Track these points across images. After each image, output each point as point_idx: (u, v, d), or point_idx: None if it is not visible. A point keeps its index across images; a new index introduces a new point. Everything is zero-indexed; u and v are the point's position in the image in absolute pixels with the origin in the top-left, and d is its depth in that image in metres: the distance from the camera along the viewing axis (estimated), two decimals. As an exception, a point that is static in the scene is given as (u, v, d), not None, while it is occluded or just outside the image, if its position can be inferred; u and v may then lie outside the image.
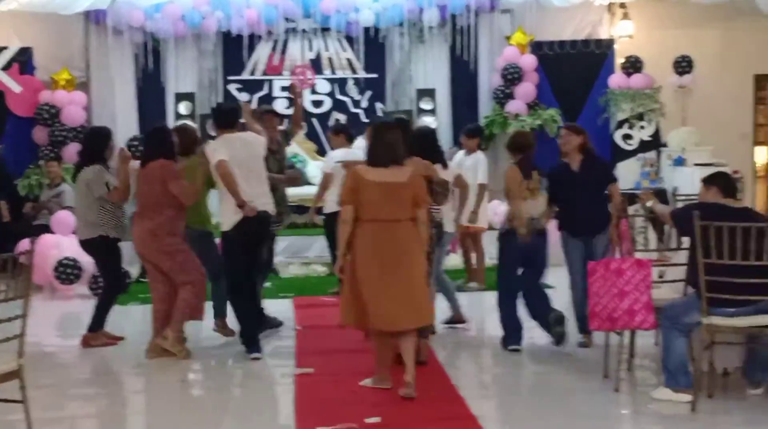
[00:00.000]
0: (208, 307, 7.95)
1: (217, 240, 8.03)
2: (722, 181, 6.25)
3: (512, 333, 7.62)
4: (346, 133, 9.89)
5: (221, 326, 8.22)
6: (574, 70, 14.02)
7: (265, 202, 7.48)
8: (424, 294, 6.37)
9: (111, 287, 8.18)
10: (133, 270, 10.98)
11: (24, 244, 9.45)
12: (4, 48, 13.16)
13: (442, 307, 8.17)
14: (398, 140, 6.36)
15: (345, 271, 6.29)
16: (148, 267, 7.78)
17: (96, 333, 8.10)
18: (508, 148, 7.93)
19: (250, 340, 7.52)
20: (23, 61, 13.30)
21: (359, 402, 6.06)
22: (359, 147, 9.45)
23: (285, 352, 7.65)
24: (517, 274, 7.68)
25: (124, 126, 13.70)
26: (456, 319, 8.49)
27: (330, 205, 9.06)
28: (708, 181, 6.31)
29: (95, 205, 7.89)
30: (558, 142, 7.89)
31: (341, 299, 6.45)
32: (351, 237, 6.23)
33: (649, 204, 6.84)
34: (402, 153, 6.37)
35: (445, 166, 8.00)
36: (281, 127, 9.33)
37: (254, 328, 7.59)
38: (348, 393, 6.33)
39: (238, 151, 7.40)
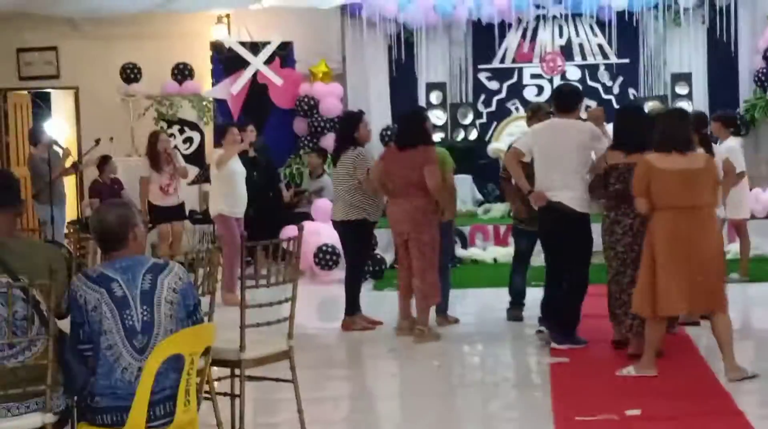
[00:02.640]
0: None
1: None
2: None
3: None
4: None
5: (442, 320, 8.26)
6: None
7: (561, 195, 7.09)
8: (717, 279, 6.30)
9: (355, 269, 8.41)
10: (388, 256, 11.25)
11: (290, 232, 9.88)
12: (267, 43, 13.77)
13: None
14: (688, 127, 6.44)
15: (644, 259, 6.35)
16: (401, 248, 7.94)
17: (353, 316, 8.34)
18: None
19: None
20: (284, 55, 13.87)
21: (618, 393, 5.96)
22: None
23: (538, 342, 7.57)
24: None
25: (378, 116, 13.97)
26: None
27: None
28: None
29: (355, 188, 8.12)
30: None
31: (638, 287, 6.39)
32: (650, 226, 6.31)
33: None
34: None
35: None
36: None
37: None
38: (606, 384, 6.24)
39: (547, 139, 7.23)
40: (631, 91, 14.18)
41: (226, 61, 13.79)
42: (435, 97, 14.12)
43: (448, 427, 5.83)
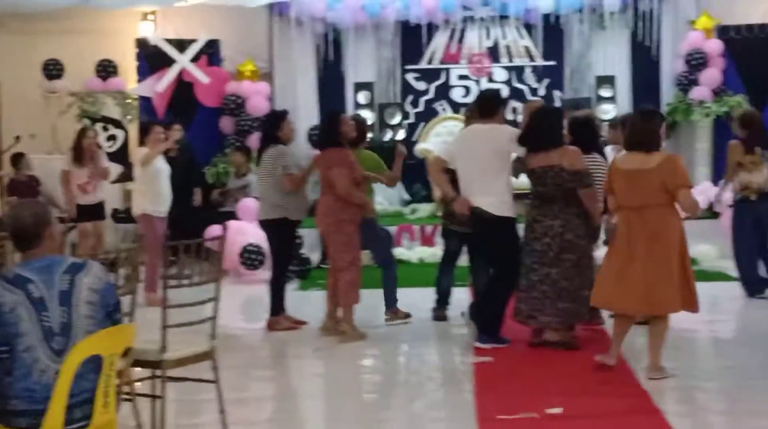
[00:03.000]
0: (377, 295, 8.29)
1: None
2: None
3: (755, 283, 9.05)
4: None
5: (392, 315, 8.35)
6: (764, 55, 13.41)
7: (482, 200, 7.16)
8: (668, 282, 6.20)
9: (280, 269, 8.38)
10: (314, 256, 11.23)
11: (214, 231, 9.80)
12: (193, 41, 13.62)
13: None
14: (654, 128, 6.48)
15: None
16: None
17: (278, 317, 8.32)
18: (739, 123, 9.04)
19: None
20: (211, 53, 13.77)
21: (541, 392, 6.02)
22: None
23: (462, 341, 7.62)
24: (750, 233, 8.97)
25: (305, 115, 13.93)
26: None
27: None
28: None
29: (276, 187, 8.11)
30: None
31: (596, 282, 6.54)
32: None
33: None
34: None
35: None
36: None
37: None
38: (529, 382, 6.32)
39: (468, 145, 7.31)
40: (557, 93, 14.34)
41: (151, 59, 13.63)
42: (363, 97, 14.14)
43: (372, 427, 5.82)
